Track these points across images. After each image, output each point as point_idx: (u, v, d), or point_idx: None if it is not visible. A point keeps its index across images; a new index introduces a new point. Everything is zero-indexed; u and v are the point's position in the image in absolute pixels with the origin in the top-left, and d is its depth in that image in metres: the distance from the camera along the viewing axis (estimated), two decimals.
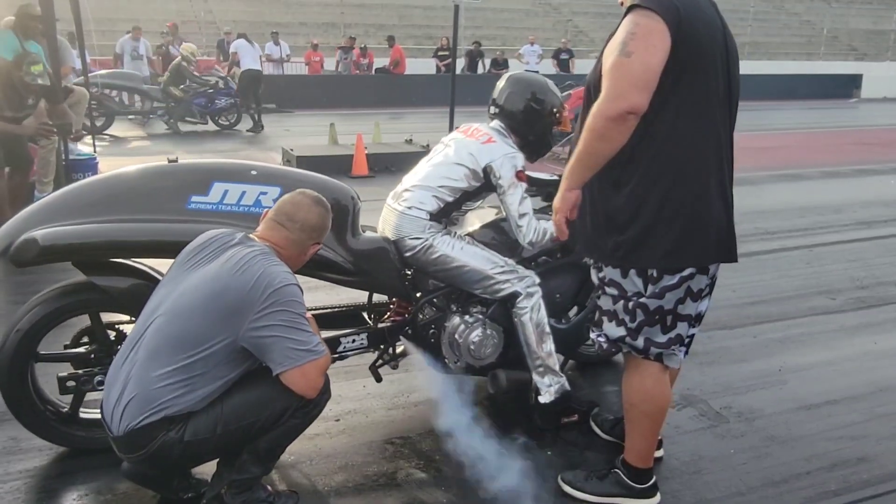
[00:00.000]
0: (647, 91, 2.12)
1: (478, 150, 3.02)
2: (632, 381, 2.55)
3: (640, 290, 2.39)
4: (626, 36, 2.13)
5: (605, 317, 2.51)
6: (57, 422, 2.83)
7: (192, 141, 11.99)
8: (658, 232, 2.28)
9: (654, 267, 2.33)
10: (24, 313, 2.70)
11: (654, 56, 2.11)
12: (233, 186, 2.75)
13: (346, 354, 3.09)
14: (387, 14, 26.69)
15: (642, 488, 2.62)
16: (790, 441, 3.11)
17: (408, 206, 3.01)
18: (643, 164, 2.27)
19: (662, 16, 2.12)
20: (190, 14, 24.21)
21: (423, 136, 10.15)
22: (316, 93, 17.82)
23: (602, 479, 2.66)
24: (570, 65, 20.63)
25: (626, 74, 2.11)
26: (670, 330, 2.42)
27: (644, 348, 2.45)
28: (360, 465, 2.87)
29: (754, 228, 6.75)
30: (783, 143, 13.26)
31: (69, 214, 2.65)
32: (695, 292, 2.39)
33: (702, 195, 2.29)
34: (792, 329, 4.39)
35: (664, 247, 2.29)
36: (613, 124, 2.14)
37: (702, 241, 2.31)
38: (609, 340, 2.52)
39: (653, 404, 2.53)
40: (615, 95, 2.12)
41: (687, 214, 2.27)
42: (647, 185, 2.27)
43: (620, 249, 2.34)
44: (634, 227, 2.30)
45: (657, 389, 2.51)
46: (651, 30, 2.12)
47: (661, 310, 2.39)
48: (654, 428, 2.58)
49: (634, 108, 2.11)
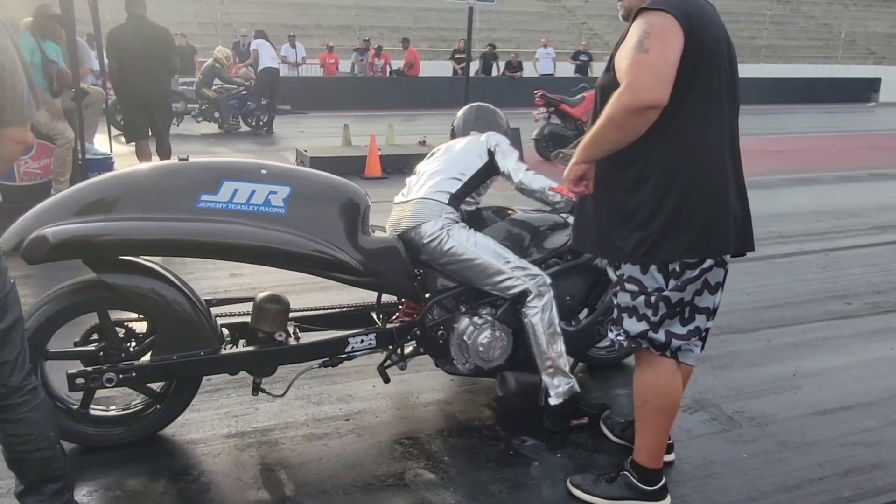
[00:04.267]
0: (667, 85, 2.12)
1: (478, 137, 3.36)
2: (645, 377, 2.54)
3: (661, 285, 2.40)
4: (641, 35, 2.14)
5: (625, 313, 2.50)
6: (67, 418, 2.84)
7: (209, 141, 12.06)
8: (680, 225, 2.30)
9: (679, 259, 2.35)
10: (33, 311, 2.72)
11: (671, 51, 2.13)
12: (242, 185, 2.75)
13: (355, 355, 3.08)
14: (402, 16, 26.75)
15: (652, 490, 2.60)
16: (803, 446, 3.07)
17: (424, 193, 3.10)
18: (662, 160, 2.29)
19: (674, 15, 2.15)
20: (207, 16, 24.38)
21: (436, 137, 10.13)
22: (331, 94, 17.89)
23: (611, 482, 2.64)
24: (589, 68, 20.60)
25: (648, 68, 2.11)
26: (689, 322, 2.45)
27: (665, 342, 2.46)
28: (369, 466, 2.86)
29: (769, 232, 6.69)
30: (799, 146, 13.14)
31: (80, 212, 2.66)
32: (712, 285, 2.43)
33: (720, 189, 2.32)
34: (807, 333, 4.34)
35: (688, 239, 2.31)
36: (634, 117, 2.13)
37: (722, 232, 2.34)
38: (629, 337, 2.50)
39: (666, 400, 2.52)
40: (639, 89, 2.10)
41: (707, 207, 2.31)
42: (668, 180, 2.29)
43: (644, 245, 2.34)
44: (656, 223, 2.31)
45: (672, 385, 2.51)
46: (665, 27, 2.14)
47: (682, 302, 2.41)
48: (665, 425, 2.56)
49: (656, 101, 2.11)
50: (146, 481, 2.73)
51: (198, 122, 13.22)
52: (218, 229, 2.69)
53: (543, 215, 3.36)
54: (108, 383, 2.76)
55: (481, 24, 23.92)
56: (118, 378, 2.76)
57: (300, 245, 2.77)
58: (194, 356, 2.81)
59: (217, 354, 2.86)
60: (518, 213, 3.42)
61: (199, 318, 2.83)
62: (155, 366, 2.80)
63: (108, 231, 2.62)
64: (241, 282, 4.90)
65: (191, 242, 2.69)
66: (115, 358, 2.82)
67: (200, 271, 4.94)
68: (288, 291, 3.14)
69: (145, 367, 2.79)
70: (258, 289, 3.80)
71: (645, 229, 2.33)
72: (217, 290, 4.72)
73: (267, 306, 2.93)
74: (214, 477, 2.77)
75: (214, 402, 3.31)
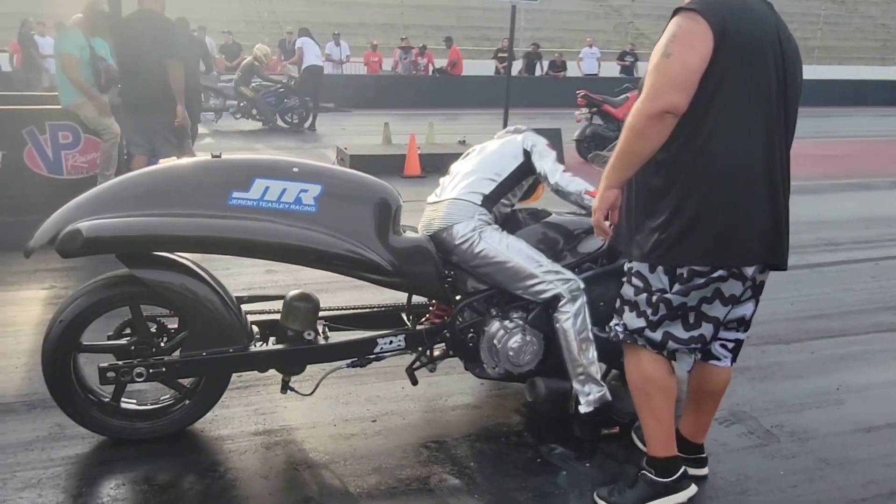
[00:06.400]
0: (685, 91, 2.17)
1: (514, 137, 3.27)
2: (630, 367, 2.58)
3: (665, 286, 2.41)
4: (669, 38, 2.20)
5: (627, 306, 2.53)
6: (98, 411, 2.87)
7: (249, 138, 12.20)
8: (697, 232, 2.30)
9: (690, 265, 2.34)
10: (67, 304, 2.75)
11: (694, 56, 2.16)
12: (274, 183, 2.75)
13: (384, 355, 3.06)
14: (445, 15, 26.77)
15: (672, 481, 2.56)
16: (846, 464, 2.96)
17: (457, 193, 3.07)
18: (685, 167, 2.29)
19: (705, 16, 2.16)
20: (254, 14, 24.71)
21: (476, 137, 10.07)
22: (373, 93, 17.95)
23: (633, 487, 2.60)
24: (635, 69, 20.34)
25: (666, 74, 2.17)
26: (693, 328, 2.44)
27: (661, 342, 2.47)
28: (394, 468, 2.83)
29: (816, 239, 6.49)
30: (850, 150, 12.77)
31: (114, 207, 2.68)
32: (726, 296, 2.40)
33: (741, 200, 2.29)
34: (853, 346, 4.19)
35: (703, 246, 2.30)
36: (651, 122, 2.19)
37: (739, 245, 2.31)
38: (626, 331, 2.53)
39: (655, 385, 2.52)
40: (654, 95, 2.18)
41: (725, 217, 2.29)
42: (688, 188, 2.29)
43: (660, 247, 2.36)
44: (674, 227, 2.32)
45: (658, 371, 2.52)
46: (693, 32, 2.17)
47: (685, 307, 2.40)
48: (662, 409, 2.54)
49: (672, 107, 2.17)
50: (174, 476, 2.74)
51: (236, 118, 13.36)
52: (248, 227, 2.69)
53: (578, 218, 3.29)
54: (139, 378, 2.78)
55: (526, 23, 23.79)
56: (148, 373, 2.78)
57: (330, 244, 2.76)
58: (223, 353, 2.82)
59: (246, 352, 2.86)
60: (553, 215, 3.36)
61: (229, 316, 2.83)
62: (184, 362, 2.81)
63: (140, 227, 2.64)
64: (276, 278, 4.93)
65: (221, 239, 2.70)
66: (147, 353, 2.84)
67: (236, 267, 4.98)
68: (321, 290, 3.15)
69: (175, 363, 2.81)
70: (292, 286, 3.81)
71: (664, 232, 2.34)
72: (252, 286, 4.75)
73: (297, 305, 2.93)
74: (240, 474, 2.77)
75: (243, 398, 3.32)
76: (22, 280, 4.84)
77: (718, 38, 2.15)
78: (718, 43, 2.15)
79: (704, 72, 2.18)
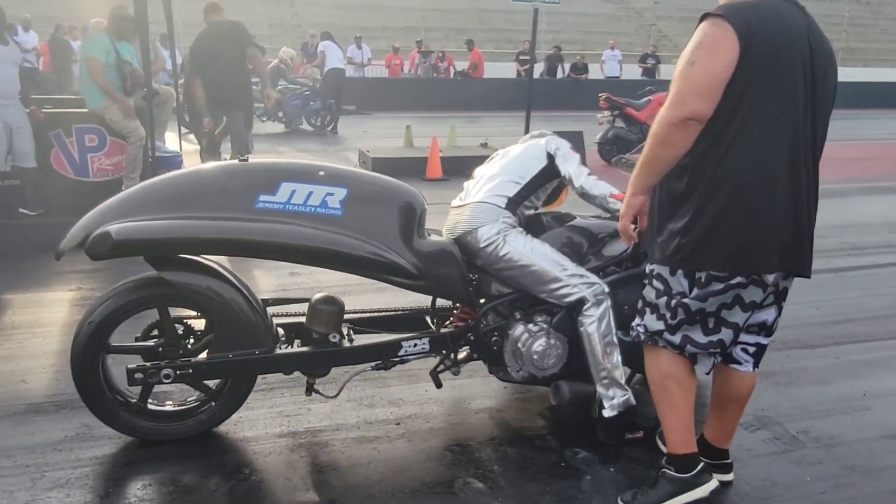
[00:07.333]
0: (709, 98, 2.19)
1: (538, 141, 3.28)
2: (650, 364, 2.60)
3: (684, 290, 2.43)
4: (694, 45, 2.22)
5: (648, 308, 2.55)
6: (125, 412, 2.90)
7: (273, 141, 12.27)
8: (717, 238, 2.31)
9: (709, 270, 2.35)
10: (96, 305, 2.79)
11: (718, 63, 2.17)
12: (300, 186, 2.77)
13: (408, 358, 3.07)
14: (467, 18, 26.80)
15: (693, 475, 2.55)
16: (873, 471, 2.92)
17: (482, 196, 3.08)
18: (708, 172, 2.30)
19: (732, 22, 2.17)
20: (277, 17, 24.88)
21: (498, 139, 10.09)
22: (395, 95, 17.99)
23: (654, 487, 2.60)
24: (657, 71, 20.23)
25: (690, 81, 2.20)
26: (713, 333, 2.45)
27: (680, 345, 2.48)
28: (418, 471, 2.84)
29: (841, 243, 6.42)
30: (876, 153, 12.62)
31: (143, 210, 2.72)
32: (746, 302, 2.40)
33: (762, 208, 2.28)
34: (879, 351, 4.14)
35: (723, 252, 2.31)
36: (675, 129, 2.21)
37: (759, 252, 2.31)
38: (647, 332, 2.55)
39: (672, 380, 2.54)
40: (678, 102, 2.20)
41: (745, 224, 2.29)
42: (710, 193, 2.30)
43: (682, 251, 2.37)
44: (695, 232, 2.33)
45: (675, 366, 2.54)
46: (718, 38, 2.18)
47: (703, 312, 2.41)
48: (681, 405, 2.55)
49: (696, 114, 2.19)
50: (199, 477, 2.77)
51: (262, 121, 13.46)
52: (275, 230, 2.71)
53: (603, 222, 3.28)
54: (166, 379, 2.81)
55: (547, 25, 23.74)
56: (175, 374, 2.81)
57: (355, 247, 2.77)
58: (249, 355, 2.84)
59: (272, 354, 2.88)
60: (577, 219, 3.35)
61: (256, 318, 2.86)
62: (211, 363, 2.84)
63: (168, 229, 2.67)
64: (300, 281, 4.96)
65: (248, 242, 2.72)
66: (174, 354, 2.87)
67: (259, 269, 5.02)
68: (345, 292, 3.16)
69: (202, 365, 2.84)
70: (315, 288, 3.84)
71: (685, 236, 2.36)
72: (276, 288, 4.78)
73: (322, 307, 2.95)
74: (265, 476, 2.79)
75: (268, 400, 3.34)
76: (49, 282, 4.91)
77: (745, 45, 2.15)
78: (744, 49, 2.15)
79: (730, 78, 2.18)
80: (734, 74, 2.17)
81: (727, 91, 2.19)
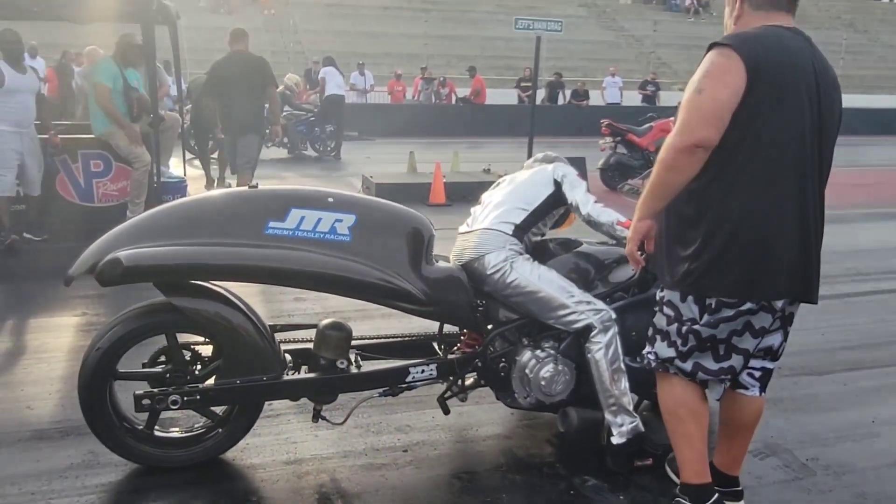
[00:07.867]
0: (715, 126, 2.22)
1: (545, 167, 3.30)
2: (663, 393, 2.61)
3: (695, 316, 2.44)
4: (701, 74, 2.26)
5: (658, 335, 2.56)
6: (132, 439, 2.89)
7: (277, 166, 12.32)
8: (725, 265, 2.33)
9: (718, 297, 2.36)
10: (105, 331, 2.79)
11: (724, 92, 2.21)
12: (309, 213, 2.78)
13: (415, 384, 3.06)
14: (469, 45, 27.00)
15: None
16: (884, 499, 2.90)
17: (489, 223, 3.09)
18: (716, 199, 2.32)
19: (739, 52, 2.20)
20: (280, 44, 25.09)
21: (501, 165, 10.13)
22: (398, 121, 18.08)
23: None
24: (657, 98, 20.36)
25: (697, 109, 2.23)
26: (723, 360, 2.46)
27: (692, 372, 2.50)
28: (425, 499, 2.82)
29: (845, 269, 6.42)
30: (877, 179, 12.65)
31: (153, 236, 2.73)
32: (756, 328, 2.42)
33: (770, 235, 2.31)
34: (887, 378, 4.12)
35: (731, 279, 2.33)
36: (682, 156, 2.25)
37: (767, 278, 2.33)
38: (658, 359, 2.56)
39: (686, 408, 2.54)
40: (685, 129, 2.24)
41: (754, 251, 2.31)
42: (718, 220, 2.33)
43: (690, 277, 2.39)
44: (704, 258, 2.35)
45: (688, 395, 2.54)
46: (725, 68, 2.22)
47: (714, 339, 2.43)
48: (695, 434, 2.54)
49: (702, 141, 2.22)
50: None
51: (267, 147, 13.51)
52: (284, 256, 2.73)
53: (609, 248, 3.30)
54: (173, 405, 2.80)
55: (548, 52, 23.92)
56: (183, 400, 2.80)
57: (364, 273, 2.78)
58: (257, 381, 2.84)
59: (279, 380, 2.88)
60: (583, 245, 3.36)
61: (263, 344, 2.86)
62: (218, 389, 2.83)
63: (178, 256, 2.68)
64: (305, 306, 4.96)
65: (258, 268, 2.73)
66: (181, 380, 2.86)
67: (266, 294, 5.02)
68: (349, 318, 3.16)
69: (209, 391, 2.83)
70: (321, 314, 3.84)
71: (694, 261, 2.37)
72: (281, 313, 4.78)
73: (329, 333, 2.95)
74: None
75: (275, 427, 3.32)
76: (54, 307, 4.91)
77: (752, 74, 2.18)
78: (752, 78, 2.19)
79: (738, 106, 2.21)
80: (742, 102, 2.20)
81: (735, 118, 2.21)
